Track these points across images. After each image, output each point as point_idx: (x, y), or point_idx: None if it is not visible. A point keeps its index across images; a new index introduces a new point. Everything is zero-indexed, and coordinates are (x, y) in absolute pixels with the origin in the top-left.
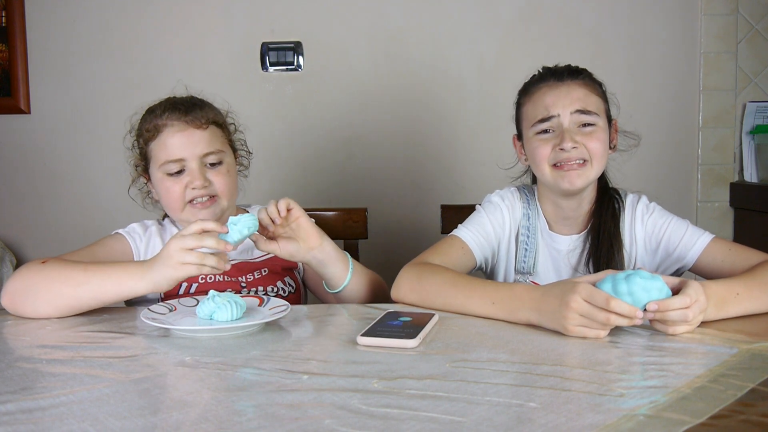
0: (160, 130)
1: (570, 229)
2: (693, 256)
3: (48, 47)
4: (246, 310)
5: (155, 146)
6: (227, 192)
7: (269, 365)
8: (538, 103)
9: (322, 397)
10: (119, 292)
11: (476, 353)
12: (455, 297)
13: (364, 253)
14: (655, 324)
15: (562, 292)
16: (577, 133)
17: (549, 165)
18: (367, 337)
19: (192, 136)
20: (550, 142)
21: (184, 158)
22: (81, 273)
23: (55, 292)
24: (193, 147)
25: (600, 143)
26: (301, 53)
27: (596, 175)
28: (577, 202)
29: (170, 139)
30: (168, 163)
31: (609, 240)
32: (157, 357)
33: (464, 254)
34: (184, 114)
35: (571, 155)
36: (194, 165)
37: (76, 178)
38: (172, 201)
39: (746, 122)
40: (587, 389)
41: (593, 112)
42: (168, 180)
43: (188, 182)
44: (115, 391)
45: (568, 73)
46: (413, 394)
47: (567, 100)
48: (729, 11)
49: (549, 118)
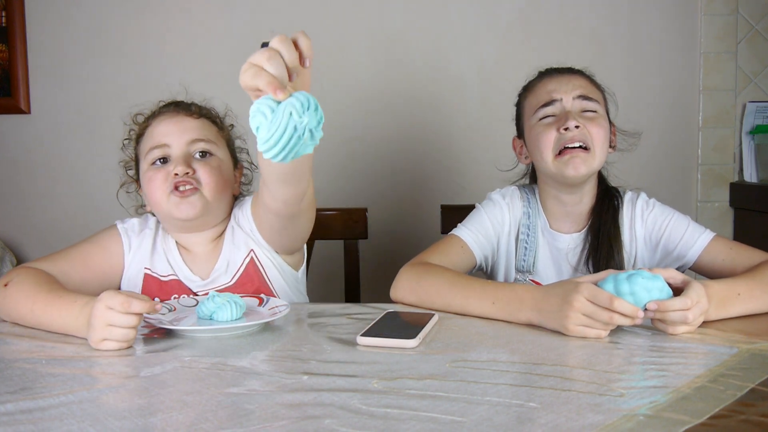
0: (149, 123)
1: (570, 227)
2: (693, 255)
3: (48, 47)
4: (246, 310)
5: (145, 138)
6: (213, 185)
7: (269, 365)
8: (539, 91)
9: (321, 397)
10: (65, 331)
11: (476, 353)
12: (455, 297)
13: (364, 253)
14: (656, 323)
15: (565, 292)
16: (581, 116)
17: (553, 153)
18: (367, 337)
19: (180, 122)
20: (553, 127)
21: (169, 144)
22: (30, 308)
23: (14, 319)
24: (181, 133)
25: (602, 130)
26: None
27: (599, 164)
28: (579, 197)
29: (159, 127)
30: (153, 149)
31: (608, 238)
32: (157, 357)
33: (464, 253)
34: (177, 106)
35: (575, 136)
36: (178, 152)
37: (76, 178)
38: (156, 191)
39: (746, 122)
40: (587, 389)
41: (595, 100)
42: (152, 170)
43: (171, 170)
44: (114, 391)
45: (568, 69)
46: (413, 394)
47: (569, 85)
48: (729, 11)
49: (551, 102)
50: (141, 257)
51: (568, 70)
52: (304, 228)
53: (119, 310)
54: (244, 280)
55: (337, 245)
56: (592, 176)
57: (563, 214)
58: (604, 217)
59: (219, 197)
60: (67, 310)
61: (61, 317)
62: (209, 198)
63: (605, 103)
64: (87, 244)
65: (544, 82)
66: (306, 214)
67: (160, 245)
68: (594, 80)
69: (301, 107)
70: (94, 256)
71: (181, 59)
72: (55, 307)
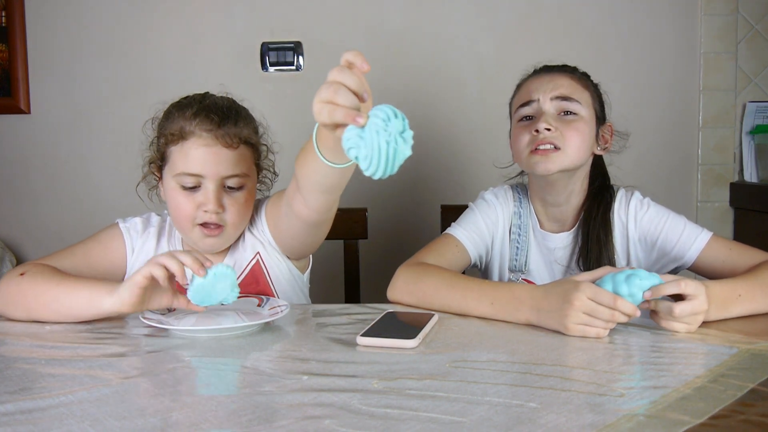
0: (185, 138)
1: (560, 227)
2: (692, 256)
3: (48, 47)
4: (245, 312)
5: (176, 151)
6: (237, 224)
7: (269, 366)
8: (522, 91)
9: (321, 398)
10: (89, 310)
11: (476, 353)
12: (453, 298)
13: (364, 253)
14: (660, 321)
15: (565, 291)
16: (557, 119)
17: (526, 152)
18: (366, 337)
19: (218, 154)
20: (528, 128)
21: (204, 176)
22: (52, 290)
23: (31, 308)
24: (216, 166)
25: (578, 134)
26: (301, 53)
27: (572, 163)
28: (565, 196)
29: (194, 150)
30: (184, 175)
31: (598, 238)
32: (157, 357)
33: (459, 252)
34: (216, 126)
35: (546, 137)
36: (212, 186)
37: (77, 179)
38: (182, 218)
39: (746, 122)
40: (587, 389)
41: (575, 100)
42: (180, 194)
43: (201, 203)
44: (114, 391)
45: (556, 67)
46: (413, 395)
47: (549, 85)
48: (729, 11)
49: (529, 102)
50: (145, 257)
51: (555, 68)
52: (323, 235)
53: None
54: (249, 280)
55: (337, 245)
56: (572, 175)
57: (550, 214)
58: (594, 217)
59: (241, 228)
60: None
61: (88, 289)
62: (233, 234)
63: (596, 102)
64: (89, 242)
65: (529, 81)
66: (330, 221)
67: (165, 245)
68: (584, 80)
69: (383, 122)
70: (96, 255)
71: (181, 59)
72: (82, 283)
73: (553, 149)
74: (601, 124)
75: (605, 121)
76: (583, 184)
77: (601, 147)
